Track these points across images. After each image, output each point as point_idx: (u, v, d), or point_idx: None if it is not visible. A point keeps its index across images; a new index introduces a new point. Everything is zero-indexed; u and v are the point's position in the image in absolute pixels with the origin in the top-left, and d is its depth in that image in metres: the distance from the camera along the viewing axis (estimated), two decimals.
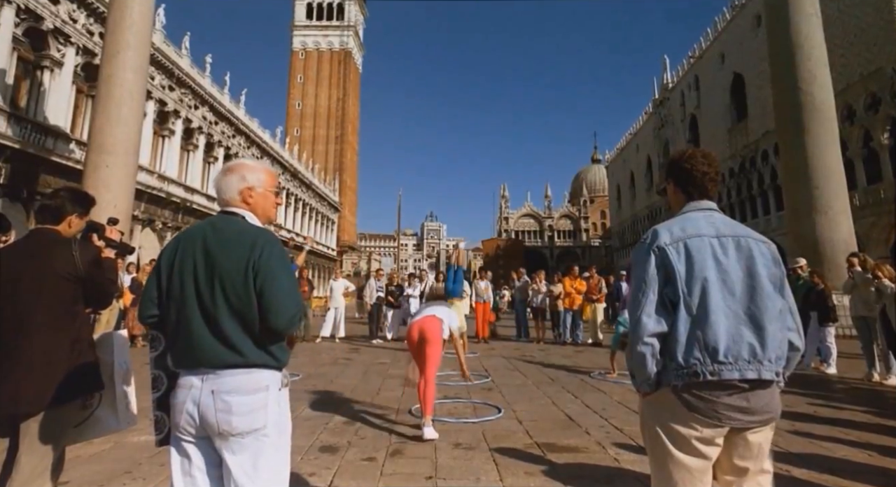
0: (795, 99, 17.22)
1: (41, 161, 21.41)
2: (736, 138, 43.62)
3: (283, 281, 1.88)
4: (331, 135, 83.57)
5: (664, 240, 1.87)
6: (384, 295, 13.25)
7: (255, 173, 2.09)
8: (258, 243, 1.90)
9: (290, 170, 54.92)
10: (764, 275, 1.81)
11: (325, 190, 69.02)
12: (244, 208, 2.04)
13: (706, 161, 2.02)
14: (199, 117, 35.72)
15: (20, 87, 21.80)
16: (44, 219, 2.59)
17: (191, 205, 33.72)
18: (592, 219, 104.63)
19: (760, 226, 39.90)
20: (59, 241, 2.51)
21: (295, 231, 56.47)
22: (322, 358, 10.07)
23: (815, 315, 8.68)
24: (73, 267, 2.43)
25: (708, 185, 2.01)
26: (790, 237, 18.44)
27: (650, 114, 64.40)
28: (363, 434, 4.58)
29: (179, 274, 1.91)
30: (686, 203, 2.03)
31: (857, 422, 5.23)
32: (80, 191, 2.74)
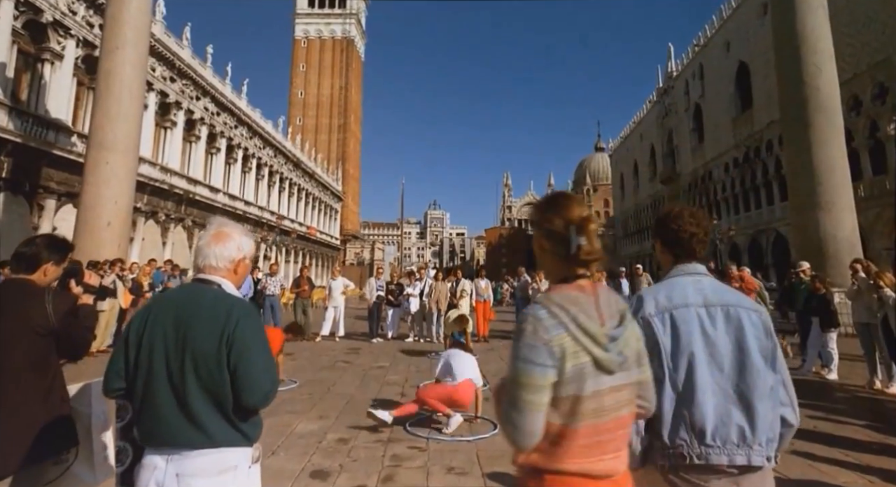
0: (800, 93, 16.97)
1: (43, 154, 21.44)
2: (740, 128, 43.31)
3: (259, 357, 1.79)
4: (333, 125, 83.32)
5: (649, 311, 1.77)
6: (384, 293, 13.26)
7: (248, 240, 2.03)
8: (232, 316, 1.80)
9: (293, 160, 54.80)
10: (754, 349, 1.72)
11: (327, 179, 68.93)
12: (225, 277, 1.94)
13: (694, 221, 1.91)
14: (201, 108, 35.63)
15: (21, 81, 21.74)
16: (18, 268, 2.49)
17: (193, 197, 33.77)
18: (596, 207, 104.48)
19: (764, 216, 39.82)
20: (33, 294, 2.40)
21: (298, 220, 56.53)
22: (321, 360, 10.06)
23: (817, 320, 8.63)
24: (45, 322, 2.33)
25: (696, 247, 1.91)
26: (793, 233, 18.36)
27: (654, 103, 63.96)
28: (356, 456, 4.56)
29: (148, 347, 1.81)
30: (673, 264, 1.94)
31: (858, 441, 5.19)
32: (56, 238, 2.66)
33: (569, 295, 1.47)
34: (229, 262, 1.94)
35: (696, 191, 52.29)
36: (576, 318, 1.42)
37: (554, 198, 1.63)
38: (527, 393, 1.38)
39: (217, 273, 1.92)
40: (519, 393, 1.39)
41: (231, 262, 1.94)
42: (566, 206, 1.56)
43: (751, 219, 42.19)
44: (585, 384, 1.39)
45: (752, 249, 41.55)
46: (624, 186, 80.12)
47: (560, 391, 1.39)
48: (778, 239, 37.08)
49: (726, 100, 45.44)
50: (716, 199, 48.18)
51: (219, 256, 1.92)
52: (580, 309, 1.44)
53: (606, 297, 1.51)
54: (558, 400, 1.40)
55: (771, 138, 37.52)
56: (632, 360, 1.48)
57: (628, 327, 1.49)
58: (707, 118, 49.97)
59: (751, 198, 42.62)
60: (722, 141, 46.36)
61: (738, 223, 43.34)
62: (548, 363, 1.39)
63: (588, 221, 1.54)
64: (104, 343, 10.98)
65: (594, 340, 1.41)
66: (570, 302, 1.45)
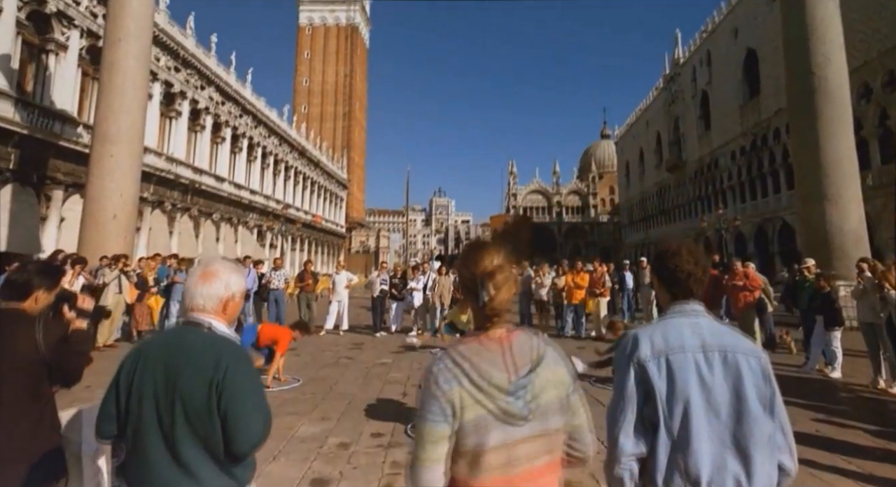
0: (808, 83, 16.78)
1: (49, 146, 21.51)
2: (748, 115, 42.93)
3: (249, 404, 1.78)
4: (338, 112, 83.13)
5: (644, 354, 1.73)
6: (388, 287, 13.32)
7: (237, 277, 1.99)
8: (223, 361, 1.78)
9: (298, 148, 54.74)
10: (752, 397, 1.68)
11: (332, 167, 68.88)
12: (215, 316, 1.92)
13: (692, 258, 1.87)
14: (206, 98, 35.58)
15: (26, 72, 21.76)
16: (9, 296, 2.44)
17: (199, 186, 33.85)
18: (601, 194, 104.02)
19: (770, 205, 39.59)
20: (23, 322, 2.35)
21: (304, 209, 56.61)
22: (325, 356, 10.13)
23: (821, 319, 8.61)
24: (35, 352, 2.29)
25: (693, 287, 1.86)
26: (799, 226, 18.25)
27: (660, 90, 63.44)
28: (356, 462, 4.59)
29: (138, 393, 1.80)
30: (670, 303, 1.89)
31: (860, 447, 5.17)
32: (48, 264, 2.62)
33: (472, 347, 1.50)
34: (218, 301, 1.91)
35: (702, 179, 52.01)
36: (477, 369, 1.44)
37: (468, 249, 1.68)
38: (421, 446, 1.42)
39: (206, 313, 1.90)
40: (415, 448, 1.44)
41: (219, 301, 1.91)
42: (476, 259, 1.60)
43: (757, 207, 41.96)
44: (488, 436, 1.41)
45: (758, 238, 41.38)
46: (629, 174, 79.78)
47: (461, 444, 1.42)
48: (784, 227, 36.90)
49: (734, 88, 45.01)
50: (721, 188, 47.91)
51: (206, 296, 1.90)
52: (481, 360, 1.46)
53: (521, 346, 1.52)
54: (460, 453, 1.42)
55: (778, 126, 37.18)
56: (551, 408, 1.48)
57: (542, 375, 1.49)
58: (714, 105, 49.55)
59: (757, 186, 42.35)
60: (729, 128, 45.99)
61: (744, 211, 43.13)
62: (439, 417, 1.42)
63: (493, 275, 1.56)
64: (111, 337, 11.11)
65: (497, 391, 1.43)
66: (472, 353, 1.48)
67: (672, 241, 1.98)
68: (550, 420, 1.48)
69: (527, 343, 1.54)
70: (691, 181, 54.81)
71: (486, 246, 1.64)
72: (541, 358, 1.51)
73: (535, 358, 1.50)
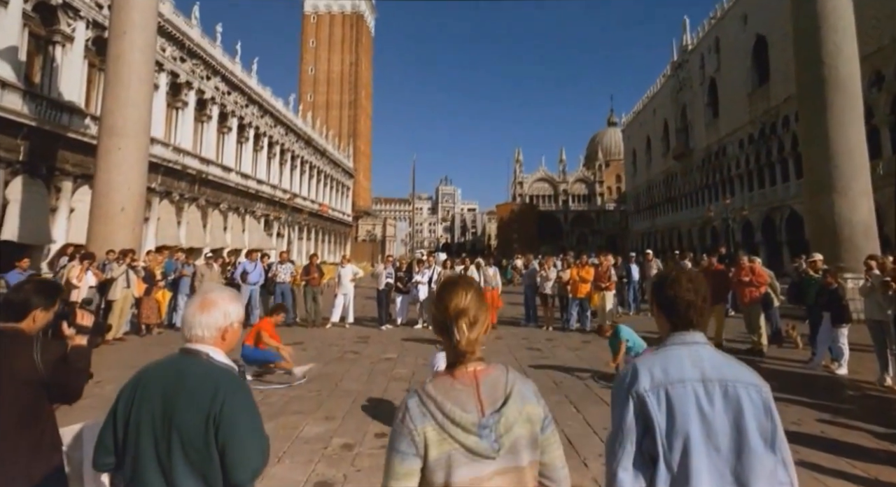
0: (818, 73, 16.49)
1: (58, 137, 21.66)
2: (756, 103, 42.52)
3: (247, 435, 1.77)
4: (344, 101, 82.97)
5: (644, 386, 1.70)
6: (393, 281, 13.39)
7: (235, 306, 1.99)
8: (220, 392, 1.77)
9: (304, 137, 54.74)
10: (753, 430, 1.65)
11: (339, 156, 68.87)
12: (213, 345, 1.91)
13: (693, 287, 1.84)
14: (212, 88, 35.59)
15: (33, 64, 21.83)
16: (7, 316, 2.41)
17: (206, 177, 33.96)
18: (608, 182, 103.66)
19: (778, 193, 39.32)
20: (20, 343, 2.32)
21: (310, 198, 56.69)
22: (331, 351, 10.18)
23: (828, 315, 8.51)
24: (33, 373, 2.26)
25: (692, 317, 1.83)
26: (807, 217, 18.09)
27: (668, 77, 62.90)
28: (360, 465, 4.61)
29: (136, 425, 1.79)
30: (670, 332, 1.86)
31: (865, 449, 5.11)
32: (45, 282, 2.61)
33: (444, 385, 1.54)
34: (216, 331, 1.91)
35: (710, 167, 51.68)
36: (442, 407, 1.48)
37: (441, 288, 1.71)
38: (390, 480, 1.46)
39: (204, 342, 1.90)
40: (385, 481, 1.48)
41: (218, 330, 1.91)
42: (447, 298, 1.64)
43: (765, 196, 41.67)
44: (456, 472, 1.45)
45: (766, 227, 41.15)
46: (636, 161, 79.37)
47: (430, 479, 1.46)
48: (792, 216, 36.63)
49: (742, 75, 44.56)
50: (729, 176, 47.60)
51: (205, 325, 1.89)
52: (451, 397, 1.50)
53: (493, 382, 1.56)
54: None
55: (788, 114, 36.83)
56: (521, 444, 1.51)
57: (511, 411, 1.51)
58: (722, 93, 49.11)
59: (765, 174, 42.02)
60: (737, 116, 45.60)
61: (752, 200, 42.89)
62: (409, 451, 1.46)
63: (464, 313, 1.60)
64: (120, 331, 11.25)
65: (463, 429, 1.46)
66: (443, 391, 1.52)
67: (672, 269, 1.96)
68: (521, 456, 1.51)
69: (499, 379, 1.58)
70: (698, 169, 54.49)
71: (457, 285, 1.67)
72: (510, 395, 1.53)
73: (505, 394, 1.54)
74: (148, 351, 10.31)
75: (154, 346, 10.81)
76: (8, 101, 19.37)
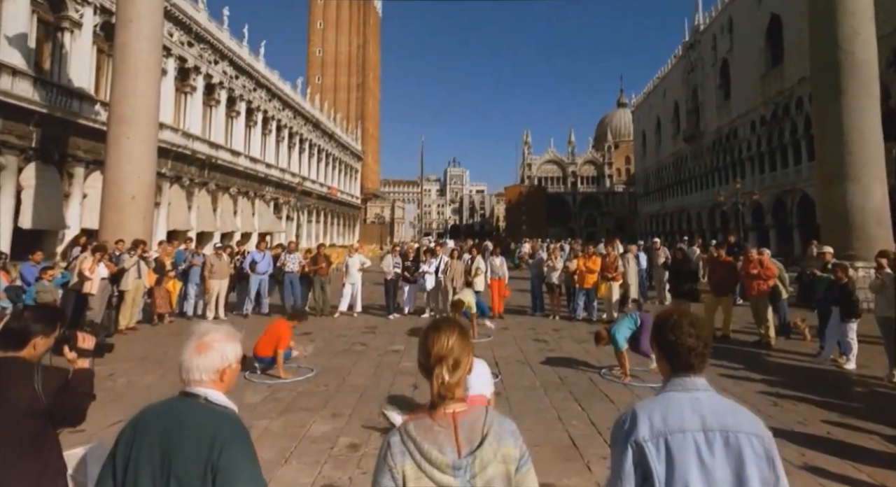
0: (834, 57, 16.12)
1: (69, 124, 21.81)
2: (769, 84, 41.91)
3: (245, 483, 1.74)
4: (352, 83, 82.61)
5: (643, 435, 1.68)
6: (401, 270, 13.49)
7: (233, 345, 1.95)
8: (218, 440, 1.75)
9: (313, 121, 54.63)
10: (755, 479, 1.62)
11: (347, 139, 68.75)
12: (212, 387, 1.90)
13: (695, 331, 1.80)
14: (220, 72, 35.53)
15: (42, 50, 21.87)
16: (7, 345, 2.40)
17: (215, 161, 34.05)
18: (617, 164, 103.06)
19: (790, 176, 38.91)
20: (21, 373, 2.31)
21: (319, 181, 56.76)
22: (339, 342, 10.30)
23: (837, 310, 8.46)
24: (34, 403, 2.25)
25: (694, 362, 1.79)
26: (819, 204, 17.88)
27: (679, 58, 62.12)
28: (366, 466, 4.66)
29: (135, 468, 1.78)
30: (670, 375, 1.83)
31: (872, 452, 5.08)
32: (45, 309, 2.62)
33: (423, 425, 1.63)
34: (213, 373, 1.89)
35: (720, 149, 51.22)
36: (420, 447, 1.58)
37: (425, 333, 1.77)
38: None
39: (202, 385, 1.88)
40: None
41: (216, 372, 1.90)
42: (430, 343, 1.72)
43: (776, 178, 41.27)
44: None
45: (777, 210, 40.79)
46: (646, 143, 78.74)
47: None
48: (804, 199, 36.21)
49: (756, 55, 43.88)
50: (740, 158, 47.17)
51: (202, 368, 1.88)
52: (430, 438, 1.60)
53: (471, 423, 1.64)
54: None
55: (801, 95, 36.18)
56: (496, 483, 1.59)
57: (487, 451, 1.59)
58: (735, 74, 48.47)
59: (777, 157, 41.57)
60: (749, 98, 45.00)
61: (763, 183, 42.52)
62: (389, 485, 1.58)
63: (445, 359, 1.68)
64: (132, 320, 11.47)
65: (439, 469, 1.56)
66: (423, 431, 1.62)
67: (674, 311, 1.93)
68: None
69: (477, 420, 1.65)
70: (709, 151, 54.02)
71: (440, 330, 1.74)
72: (486, 436, 1.61)
73: (482, 435, 1.62)
74: (159, 340, 10.55)
75: (165, 336, 11.01)
76: (19, 89, 19.47)
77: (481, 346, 9.92)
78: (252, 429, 5.39)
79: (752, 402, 6.46)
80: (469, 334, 1.84)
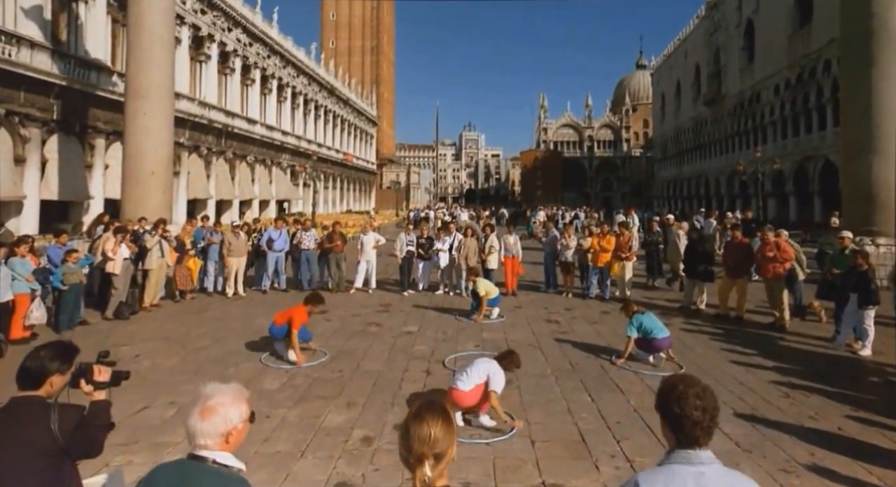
0: (866, 25, 15.49)
1: (88, 96, 22.03)
2: (796, 46, 40.50)
3: None
4: (366, 47, 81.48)
5: None
6: (415, 248, 13.64)
7: (237, 408, 1.96)
8: None
9: (327, 87, 54.29)
10: None
11: (362, 104, 68.30)
12: (219, 449, 1.92)
13: (701, 404, 1.74)
14: (234, 40, 35.30)
15: (58, 22, 21.85)
16: (24, 384, 2.44)
17: (232, 130, 34.19)
18: (634, 128, 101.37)
19: (813, 142, 38.01)
20: (36, 413, 2.35)
21: (335, 147, 56.72)
22: (353, 322, 10.46)
23: (855, 296, 8.37)
24: (50, 442, 2.30)
25: (699, 436, 1.73)
26: (843, 177, 17.49)
27: (702, 18, 60.34)
28: (378, 462, 4.78)
29: None
30: (675, 447, 1.79)
31: (884, 451, 5.04)
32: (59, 345, 2.63)
33: None
34: (219, 437, 1.91)
35: (742, 114, 50.14)
36: None
37: (408, 421, 1.77)
38: None
39: (209, 449, 1.91)
40: None
41: (221, 436, 1.91)
42: (410, 438, 1.71)
43: (799, 144, 40.33)
44: None
45: (798, 176, 39.95)
46: (665, 107, 77.25)
47: None
48: (827, 166, 35.34)
49: (783, 16, 42.41)
50: (762, 123, 46.16)
51: (207, 434, 1.90)
52: None
53: None
54: None
55: (830, 58, 34.77)
56: None
57: None
58: (760, 35, 47.01)
59: (801, 122, 40.54)
60: (774, 60, 43.63)
61: (785, 148, 41.67)
62: None
63: (421, 459, 1.68)
64: (156, 297, 11.79)
65: None
66: None
67: (680, 379, 1.86)
68: None
69: None
70: (730, 115, 52.89)
71: (423, 419, 1.73)
72: None
73: None
74: (182, 318, 10.86)
75: (187, 313, 11.31)
76: (38, 61, 19.57)
77: (494, 328, 10.10)
78: (270, 419, 5.66)
79: (763, 393, 6.54)
80: (453, 419, 1.83)
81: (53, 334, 9.20)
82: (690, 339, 9.25)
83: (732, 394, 6.48)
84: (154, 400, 6.25)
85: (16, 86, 18.85)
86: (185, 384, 6.82)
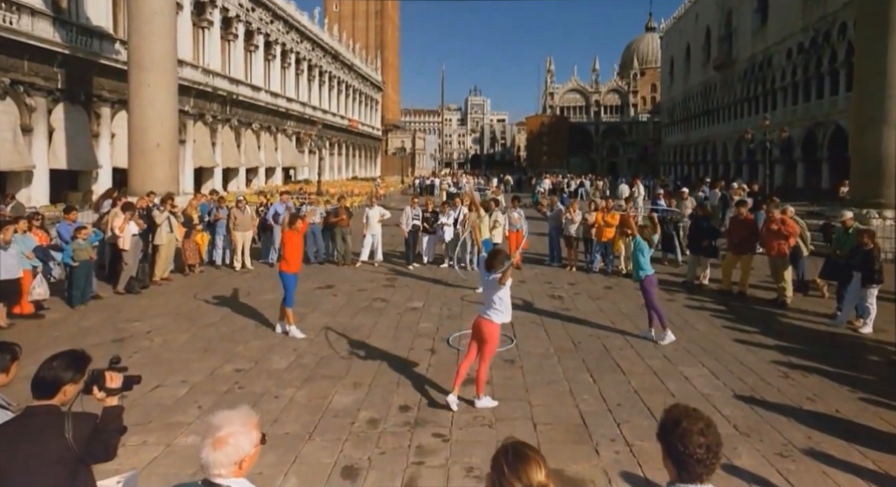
0: None
1: (91, 64, 21.92)
2: (811, 8, 39.31)
3: None
4: (370, 10, 79.90)
5: None
6: (420, 222, 13.74)
7: (247, 436, 1.98)
8: None
9: (332, 52, 53.53)
10: None
11: (367, 70, 67.41)
12: (232, 475, 1.94)
13: (705, 442, 1.73)
14: (236, 5, 34.68)
15: None
16: (39, 394, 2.49)
17: (237, 97, 34.00)
18: (642, 92, 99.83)
19: (824, 107, 37.28)
20: (50, 423, 2.39)
21: (340, 114, 56.28)
22: (359, 298, 10.59)
23: (859, 274, 8.38)
24: (65, 451, 2.34)
25: (702, 473, 1.74)
26: (852, 147, 17.28)
27: None
28: (384, 445, 4.91)
29: None
30: (676, 480, 1.80)
31: (880, 434, 5.13)
32: (72, 354, 2.67)
33: None
34: (231, 465, 1.93)
35: (752, 79, 49.10)
36: None
37: (512, 459, 1.71)
38: None
39: (222, 476, 1.93)
40: None
41: (234, 464, 1.94)
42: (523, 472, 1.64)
43: (809, 110, 39.59)
44: None
45: (807, 142, 39.30)
46: (674, 71, 75.72)
47: None
48: (836, 132, 34.82)
49: None
50: (772, 88, 45.26)
51: (219, 464, 1.92)
52: None
53: None
54: None
55: (846, 20, 33.84)
56: None
57: None
58: None
59: (812, 87, 39.62)
60: (788, 23, 42.38)
61: (795, 114, 40.97)
62: None
63: None
64: (166, 271, 11.97)
65: None
66: None
67: (684, 413, 1.83)
68: None
69: None
70: (740, 80, 51.86)
71: (530, 458, 1.67)
72: None
73: None
74: (192, 291, 11.05)
75: (197, 287, 11.46)
76: (40, 29, 19.38)
77: None
78: (279, 399, 5.84)
79: (762, 374, 6.65)
80: None
81: (67, 308, 9.52)
82: (693, 316, 9.33)
83: (732, 375, 6.59)
84: (166, 379, 6.41)
85: (19, 54, 18.74)
86: (196, 361, 7.01)
